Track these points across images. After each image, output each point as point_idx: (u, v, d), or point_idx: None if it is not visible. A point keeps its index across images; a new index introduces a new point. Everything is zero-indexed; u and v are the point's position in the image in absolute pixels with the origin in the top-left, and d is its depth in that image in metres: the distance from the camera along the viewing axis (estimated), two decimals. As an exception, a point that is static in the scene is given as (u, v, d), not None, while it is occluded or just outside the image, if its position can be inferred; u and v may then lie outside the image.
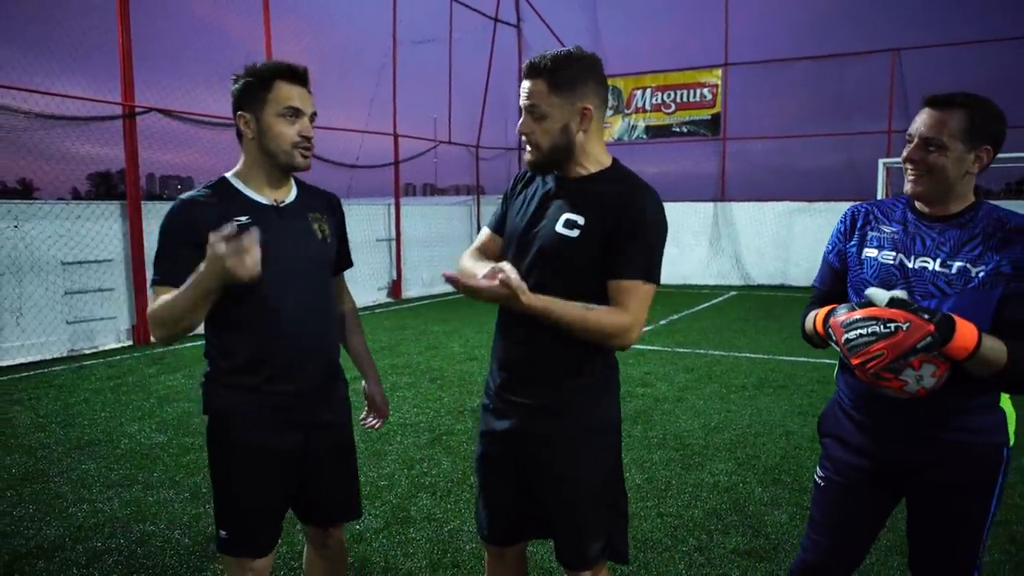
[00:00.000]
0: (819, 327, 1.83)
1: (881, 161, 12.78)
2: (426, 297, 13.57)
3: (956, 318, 1.61)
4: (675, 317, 10.50)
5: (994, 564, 3.15)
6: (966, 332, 1.59)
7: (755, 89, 15.71)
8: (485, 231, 2.15)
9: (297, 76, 1.96)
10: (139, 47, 8.60)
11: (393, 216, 13.26)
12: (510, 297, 1.70)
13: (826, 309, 1.81)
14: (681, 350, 7.99)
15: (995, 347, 1.63)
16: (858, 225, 1.95)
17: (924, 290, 1.77)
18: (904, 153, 1.80)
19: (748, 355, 7.74)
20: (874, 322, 1.63)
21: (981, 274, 1.72)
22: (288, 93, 1.93)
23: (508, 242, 2.02)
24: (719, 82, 15.99)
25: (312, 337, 2.04)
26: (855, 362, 1.65)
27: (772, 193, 15.02)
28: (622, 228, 1.80)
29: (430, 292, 13.98)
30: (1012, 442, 1.85)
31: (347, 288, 2.37)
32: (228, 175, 2.03)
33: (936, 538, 1.89)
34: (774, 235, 14.82)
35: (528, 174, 2.05)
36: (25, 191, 11.22)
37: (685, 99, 16.37)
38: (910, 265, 1.80)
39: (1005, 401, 1.84)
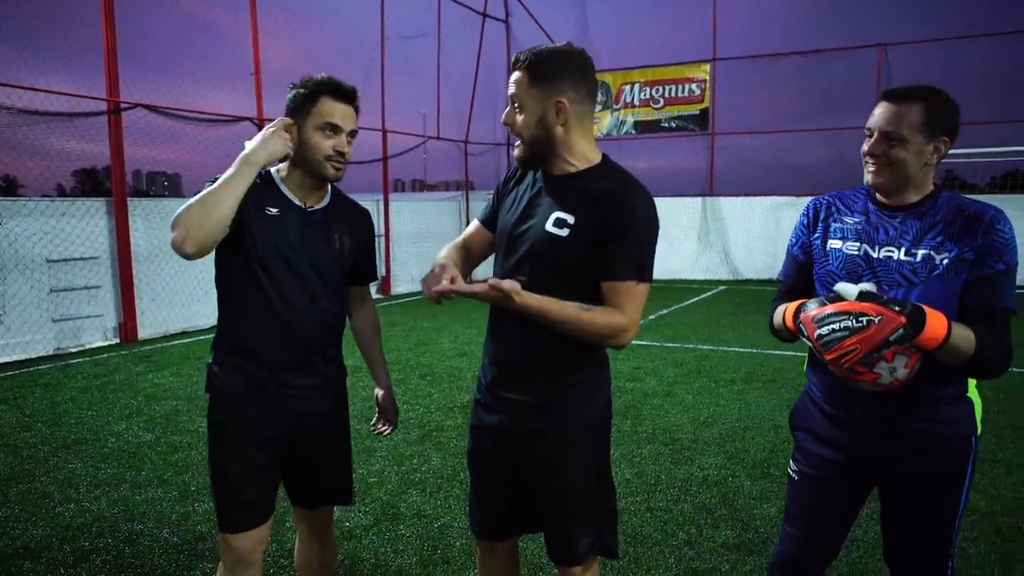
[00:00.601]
0: (789, 322, 1.82)
1: (868, 156, 12.83)
2: (415, 293, 13.55)
3: (926, 309, 1.62)
4: (664, 312, 10.53)
5: (980, 555, 3.18)
6: (936, 323, 1.61)
7: (743, 84, 15.76)
8: (474, 223, 2.17)
9: (343, 94, 2.09)
10: (124, 42, 8.51)
11: (382, 212, 13.21)
12: (503, 299, 1.72)
13: (796, 304, 1.81)
14: (670, 345, 8.02)
15: (964, 335, 1.65)
16: (820, 217, 1.97)
17: (890, 279, 1.79)
18: (864, 147, 1.82)
19: (737, 349, 7.78)
20: (846, 317, 1.63)
21: (945, 261, 1.74)
22: (331, 109, 2.06)
23: (499, 239, 2.03)
24: (707, 77, 16.03)
25: (306, 332, 2.12)
26: (829, 357, 1.66)
27: (760, 188, 15.08)
28: (613, 226, 1.79)
29: (419, 288, 13.92)
30: (979, 431, 1.87)
31: (371, 299, 2.47)
32: (273, 171, 2.16)
33: (910, 529, 1.91)
34: (762, 230, 14.88)
35: (519, 171, 2.05)
36: (9, 188, 11.11)
37: (674, 94, 16.40)
38: (875, 255, 1.82)
39: (972, 390, 1.86)
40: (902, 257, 1.78)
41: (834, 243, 1.90)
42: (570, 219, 1.83)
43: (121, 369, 7.05)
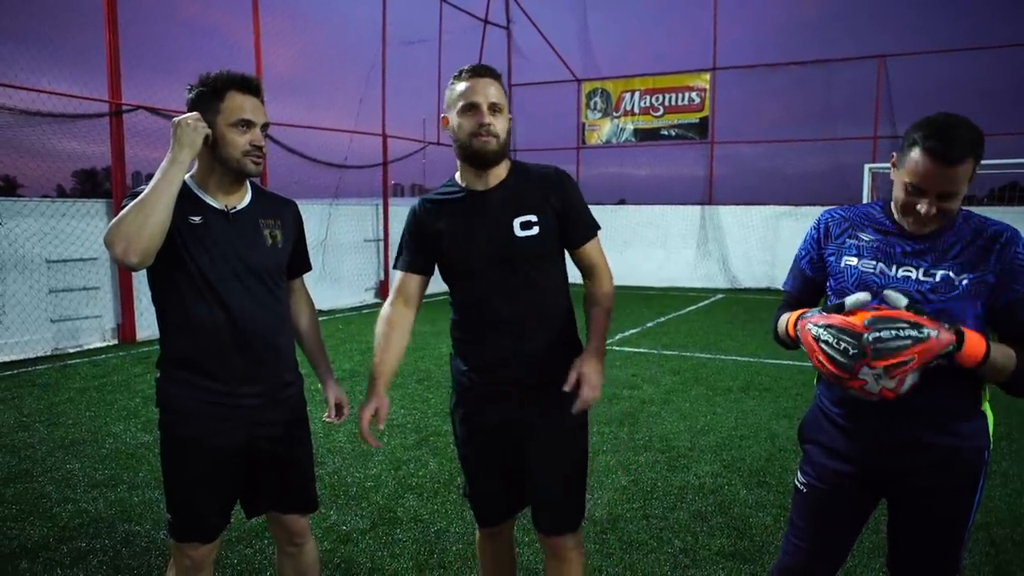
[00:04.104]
0: (790, 329, 1.82)
1: (867, 166, 12.89)
2: (414, 298, 13.53)
3: (964, 329, 1.61)
4: (662, 320, 10.55)
5: (973, 566, 3.19)
6: (974, 342, 1.60)
7: (743, 93, 15.83)
8: (398, 275, 2.28)
9: (250, 87, 2.03)
10: (127, 44, 8.55)
11: (381, 217, 13.23)
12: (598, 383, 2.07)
13: (797, 313, 1.80)
14: (667, 353, 8.03)
15: (1006, 352, 1.67)
16: (834, 233, 1.93)
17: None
18: (915, 204, 1.72)
19: (734, 358, 7.80)
20: (907, 325, 1.55)
21: (964, 282, 1.72)
22: (241, 104, 2.01)
23: (460, 266, 2.15)
24: (707, 86, 16.08)
25: (256, 338, 2.08)
26: (881, 364, 1.55)
27: (759, 197, 15.14)
28: (567, 204, 2.13)
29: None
30: (992, 445, 1.88)
31: (305, 291, 2.43)
32: (186, 178, 2.08)
33: (920, 541, 1.89)
34: (761, 238, 14.92)
35: (428, 209, 2.19)
36: (9, 188, 11.11)
37: (673, 103, 16.46)
38: (892, 274, 1.79)
39: (985, 404, 1.86)
40: (921, 277, 1.76)
41: (849, 260, 1.87)
42: (533, 218, 2.08)
43: (119, 370, 7.05)
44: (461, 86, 2.06)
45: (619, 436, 4.99)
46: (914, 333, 1.54)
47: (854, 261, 1.86)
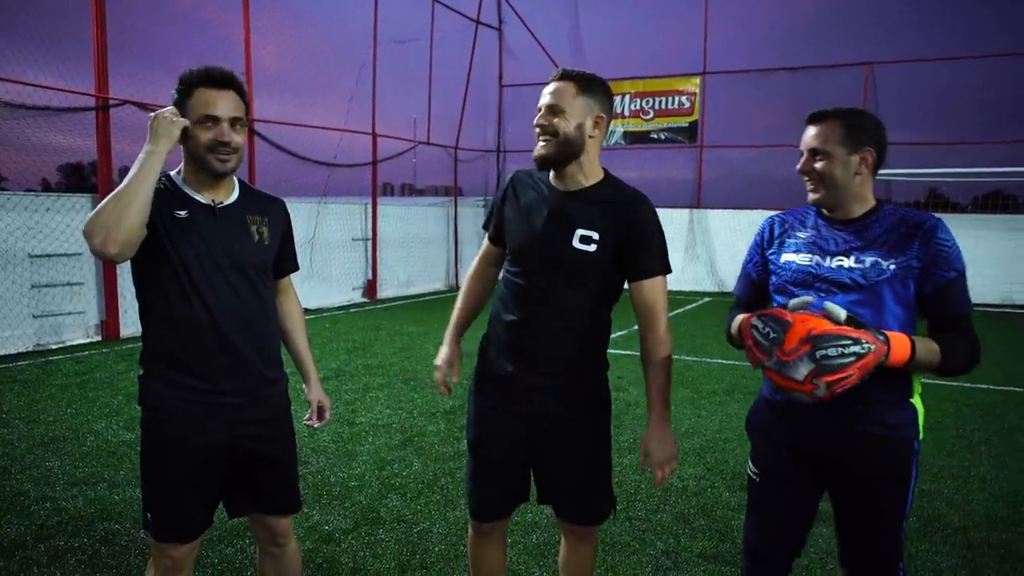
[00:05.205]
0: (734, 330, 2.00)
1: (853, 172, 12.97)
2: (401, 298, 13.52)
3: (889, 335, 1.75)
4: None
5: (951, 569, 3.23)
6: (900, 347, 1.75)
7: (733, 98, 15.89)
8: (486, 243, 2.42)
9: (215, 80, 1.98)
10: (114, 38, 8.47)
11: (370, 216, 13.20)
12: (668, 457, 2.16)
13: (748, 316, 1.91)
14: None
15: (929, 348, 1.81)
16: (776, 234, 2.13)
17: (842, 284, 1.92)
18: (797, 167, 2.03)
19: (720, 361, 7.83)
20: (850, 342, 1.67)
21: (892, 267, 1.87)
22: (206, 100, 1.97)
23: (516, 254, 2.21)
24: (697, 90, 16.15)
25: (239, 336, 2.06)
26: (825, 380, 1.68)
27: (747, 201, 15.19)
28: (635, 235, 2.10)
29: (405, 293, 13.94)
30: (921, 436, 1.98)
31: (293, 290, 2.41)
32: (172, 173, 2.08)
33: (860, 531, 2.00)
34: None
35: (517, 185, 2.25)
36: (-8, 181, 10.99)
37: (663, 106, 16.51)
38: (826, 264, 1.96)
39: (916, 398, 1.97)
40: (852, 264, 1.92)
41: (788, 256, 2.05)
42: (595, 235, 2.09)
43: (102, 367, 6.99)
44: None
45: (604, 438, 5.00)
46: (857, 349, 1.67)
47: (793, 257, 2.04)
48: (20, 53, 7.81)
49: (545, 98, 2.11)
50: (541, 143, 2.09)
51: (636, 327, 2.27)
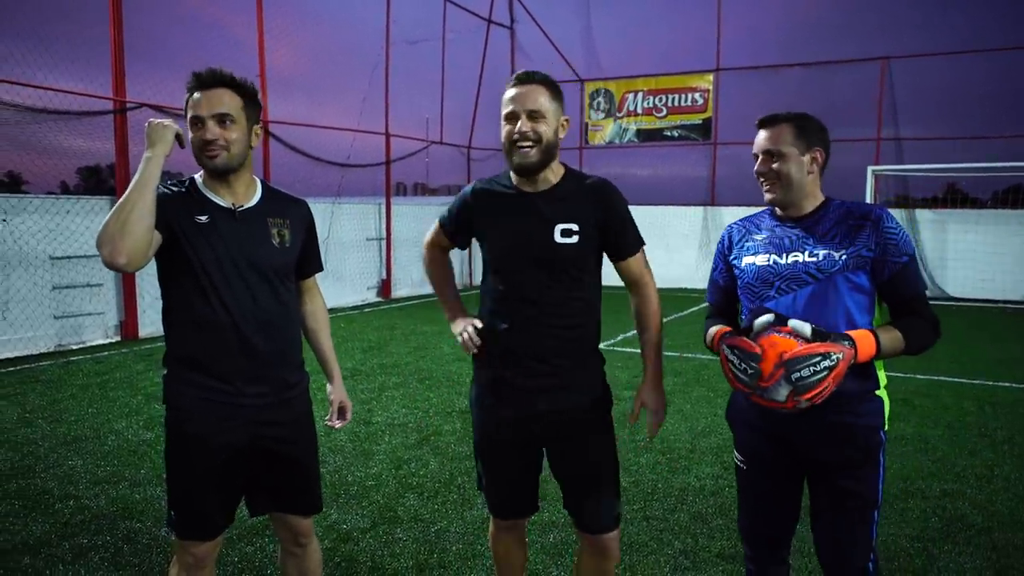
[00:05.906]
0: (715, 345, 2.09)
1: (870, 168, 12.88)
2: (416, 297, 13.56)
3: (853, 335, 1.87)
4: (664, 320, 10.51)
5: (975, 571, 3.19)
6: (865, 345, 1.87)
7: (746, 95, 15.78)
8: (435, 227, 2.46)
9: (201, 82, 2.01)
10: (131, 41, 8.56)
11: (384, 215, 13.25)
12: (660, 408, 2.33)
13: (722, 331, 2.07)
14: (669, 354, 8.02)
15: (892, 337, 1.93)
16: (735, 240, 2.23)
17: (799, 280, 2.01)
18: (754, 169, 2.12)
19: (736, 359, 7.78)
20: (820, 358, 1.80)
21: (844, 257, 1.97)
22: (193, 103, 2.01)
23: (501, 261, 2.22)
24: (711, 87, 16.07)
25: (259, 338, 2.07)
26: (805, 398, 1.82)
27: (762, 198, 15.00)
28: (612, 219, 2.19)
29: (420, 292, 13.97)
30: (887, 427, 2.06)
31: (318, 290, 2.43)
32: (196, 176, 2.12)
33: (831, 521, 2.07)
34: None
35: (481, 196, 2.27)
36: (14, 185, 11.14)
37: (677, 103, 16.45)
38: (783, 262, 2.06)
39: (882, 391, 2.05)
40: (807, 259, 2.02)
41: (748, 259, 2.14)
42: (574, 227, 2.14)
43: (122, 367, 7.07)
44: (506, 94, 2.13)
45: (620, 437, 4.94)
46: (827, 363, 1.80)
47: (752, 259, 2.13)
48: (40, 58, 7.90)
49: (521, 104, 2.08)
50: (524, 149, 2.08)
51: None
